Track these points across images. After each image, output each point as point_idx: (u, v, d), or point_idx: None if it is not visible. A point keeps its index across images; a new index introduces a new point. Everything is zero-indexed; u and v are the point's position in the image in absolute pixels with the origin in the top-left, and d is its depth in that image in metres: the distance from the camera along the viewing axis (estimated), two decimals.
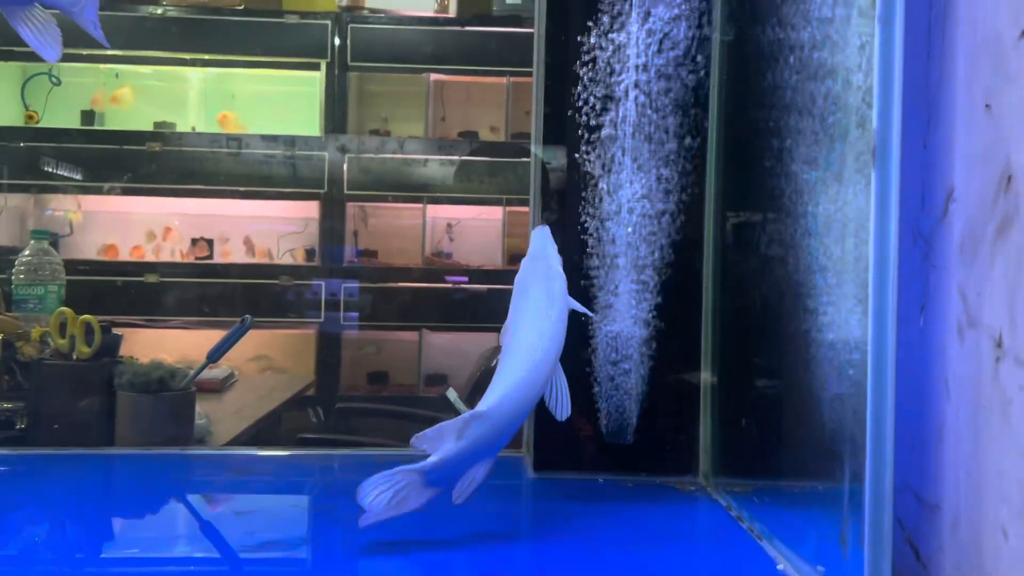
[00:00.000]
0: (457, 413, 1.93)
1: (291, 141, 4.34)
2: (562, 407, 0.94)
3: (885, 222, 0.71)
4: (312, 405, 2.56)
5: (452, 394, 1.93)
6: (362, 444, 2.30)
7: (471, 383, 2.47)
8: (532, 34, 4.54)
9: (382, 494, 0.85)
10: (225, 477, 1.18)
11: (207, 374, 1.58)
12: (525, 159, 4.82)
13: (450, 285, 4.53)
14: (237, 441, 1.62)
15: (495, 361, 2.62)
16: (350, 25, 4.49)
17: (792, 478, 0.90)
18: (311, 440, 2.23)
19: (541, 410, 1.13)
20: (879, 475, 0.69)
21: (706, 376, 1.08)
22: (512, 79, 4.62)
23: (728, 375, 1.05)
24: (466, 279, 4.52)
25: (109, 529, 1.06)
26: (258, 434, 1.76)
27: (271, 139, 4.36)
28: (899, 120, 0.72)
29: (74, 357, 1.38)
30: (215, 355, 1.42)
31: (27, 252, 1.83)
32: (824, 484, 0.80)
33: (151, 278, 4.32)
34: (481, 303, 4.51)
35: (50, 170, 4.25)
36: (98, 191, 4.38)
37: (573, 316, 0.98)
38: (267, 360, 4.29)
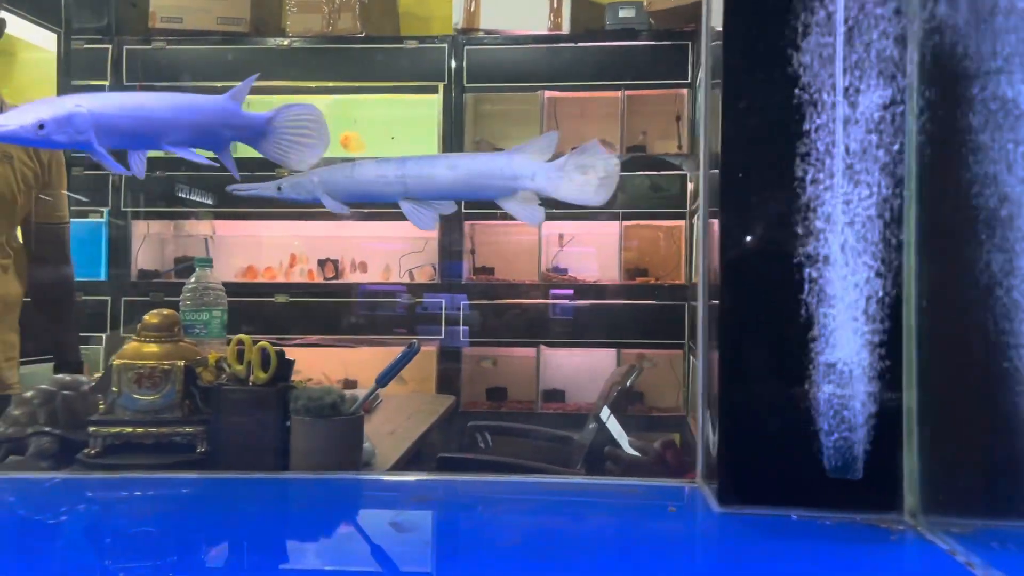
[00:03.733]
0: (610, 435, 1.91)
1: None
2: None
3: None
4: (478, 430, 2.57)
5: (606, 413, 1.90)
6: (503, 464, 2.30)
7: (605, 402, 2.43)
8: (646, 47, 4.47)
9: None
10: (405, 503, 1.19)
11: None
12: (641, 173, 4.79)
13: (565, 301, 4.52)
14: (399, 463, 1.64)
15: (630, 381, 2.57)
16: (466, 47, 4.56)
17: None
18: (453, 460, 2.23)
19: (730, 437, 1.09)
20: None
21: (909, 401, 1.01)
22: (627, 92, 4.59)
23: (939, 400, 0.98)
24: (571, 292, 4.50)
25: (288, 556, 1.07)
26: (416, 455, 1.77)
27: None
28: None
29: (251, 382, 1.43)
30: (384, 380, 1.44)
31: (192, 279, 1.91)
32: None
33: (280, 298, 4.48)
34: (599, 319, 4.48)
35: (184, 196, 4.48)
36: (230, 216, 4.58)
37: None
38: (399, 378, 4.36)
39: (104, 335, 4.36)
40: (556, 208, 5.04)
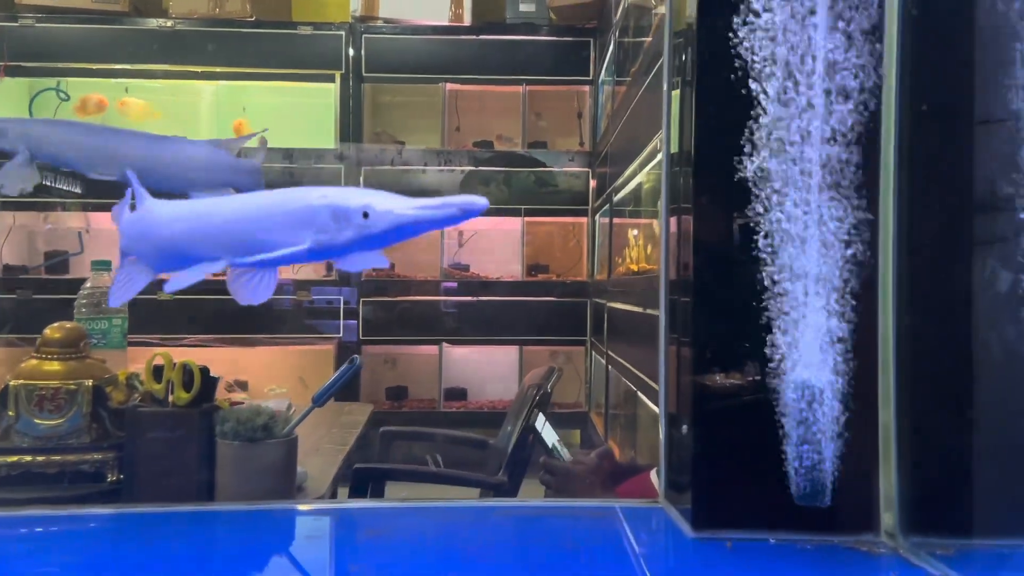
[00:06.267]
0: (545, 444, 1.85)
1: (295, 154, 4.23)
2: None
3: None
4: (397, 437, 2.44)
5: (540, 421, 1.84)
6: (425, 474, 2.21)
7: (524, 405, 2.38)
8: (546, 41, 4.44)
9: None
10: (360, 538, 1.09)
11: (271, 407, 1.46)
12: (540, 169, 4.73)
13: (467, 298, 4.45)
14: (334, 486, 1.53)
15: (551, 384, 2.53)
16: (364, 35, 4.41)
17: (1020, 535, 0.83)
18: (369, 471, 2.13)
19: (704, 458, 1.06)
20: None
21: (886, 416, 1.00)
22: (528, 87, 4.56)
23: (919, 414, 0.97)
24: (455, 285, 4.46)
25: None
26: (347, 473, 1.65)
27: (282, 152, 4.25)
28: None
29: (170, 402, 1.29)
30: (321, 399, 1.33)
31: (87, 284, 1.73)
32: None
33: (163, 296, 4.20)
34: (501, 315, 4.44)
35: (49, 185, 4.11)
36: (106, 207, 4.27)
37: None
38: (301, 381, 4.18)
39: None
40: None
